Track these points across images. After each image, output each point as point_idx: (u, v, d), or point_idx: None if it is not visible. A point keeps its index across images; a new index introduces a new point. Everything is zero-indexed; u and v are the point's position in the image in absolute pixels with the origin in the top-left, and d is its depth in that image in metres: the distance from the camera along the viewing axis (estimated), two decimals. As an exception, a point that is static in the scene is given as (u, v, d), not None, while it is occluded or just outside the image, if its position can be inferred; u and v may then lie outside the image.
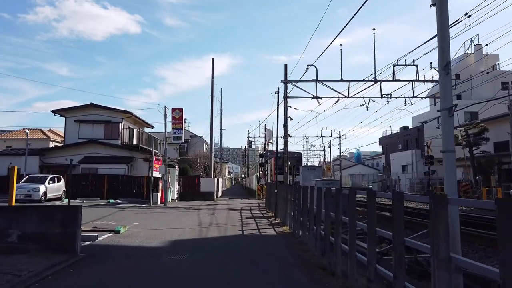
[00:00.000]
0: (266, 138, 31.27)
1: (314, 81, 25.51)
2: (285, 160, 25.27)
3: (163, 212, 17.50)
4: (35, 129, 44.45)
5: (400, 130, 55.61)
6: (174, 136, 21.88)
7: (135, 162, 27.56)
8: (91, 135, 28.05)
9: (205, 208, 20.24)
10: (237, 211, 18.35)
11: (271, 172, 29.19)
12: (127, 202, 22.91)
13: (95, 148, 27.51)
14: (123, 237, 9.67)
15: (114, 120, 28.50)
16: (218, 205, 22.58)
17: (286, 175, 25.07)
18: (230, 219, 14.77)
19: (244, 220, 14.28)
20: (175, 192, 24.78)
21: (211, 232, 11.04)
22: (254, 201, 26.01)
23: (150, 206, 20.86)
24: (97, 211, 17.39)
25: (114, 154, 27.55)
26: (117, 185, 25.88)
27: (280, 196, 14.01)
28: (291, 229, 11.21)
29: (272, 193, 18.27)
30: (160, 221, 13.82)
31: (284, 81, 25.98)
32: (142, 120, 31.64)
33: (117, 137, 28.34)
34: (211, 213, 17.36)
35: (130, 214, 16.38)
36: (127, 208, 19.55)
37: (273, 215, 15.84)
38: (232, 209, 19.38)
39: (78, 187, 25.58)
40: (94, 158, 27.07)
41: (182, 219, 14.50)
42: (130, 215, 15.71)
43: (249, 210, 19.33)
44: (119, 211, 17.82)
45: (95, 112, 28.49)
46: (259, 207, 20.95)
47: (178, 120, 21.81)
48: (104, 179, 25.81)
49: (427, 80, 28.05)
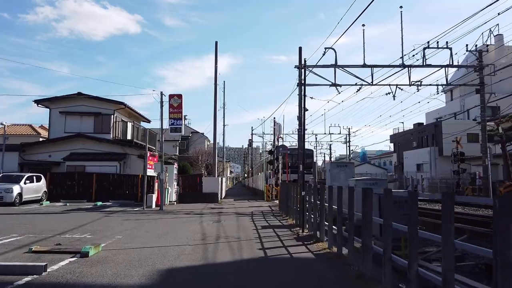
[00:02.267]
0: (276, 133, 28.03)
1: (333, 66, 22.28)
2: (300, 156, 22.05)
3: (157, 219, 14.26)
4: (24, 125, 41.26)
5: (414, 126, 52.31)
6: (171, 127, 18.58)
7: (128, 159, 24.34)
8: (79, 128, 24.83)
9: (208, 212, 17.01)
10: (247, 217, 15.12)
11: (283, 170, 25.93)
12: (117, 205, 19.67)
13: (83, 143, 24.30)
14: (90, 265, 6.43)
15: (105, 112, 25.27)
16: (224, 208, 19.34)
17: (301, 173, 21.86)
18: (243, 229, 11.53)
19: (261, 231, 11.04)
20: (173, 193, 21.56)
21: (221, 253, 7.80)
22: (264, 204, 22.76)
23: (143, 210, 17.63)
24: (77, 218, 14.16)
25: (105, 150, 24.34)
26: (108, 186, 22.67)
27: (306, 200, 10.79)
28: (333, 248, 8.00)
29: (290, 196, 15.04)
30: (151, 233, 10.58)
31: (299, 66, 22.63)
32: (137, 112, 28.41)
33: (108, 131, 25.11)
34: (216, 219, 14.12)
35: (115, 221, 13.14)
36: (115, 213, 16.32)
37: (295, 223, 12.61)
38: (241, 214, 16.14)
39: (63, 187, 22.42)
40: (82, 155, 23.86)
41: (180, 230, 11.26)
42: (115, 224, 12.48)
43: (261, 215, 16.10)
44: (103, 217, 14.59)
45: (83, 103, 25.27)
46: (272, 212, 17.72)
47: (177, 109, 18.55)
48: (92, 178, 22.60)
49: (462, 65, 24.85)
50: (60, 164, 23.64)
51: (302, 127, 22.66)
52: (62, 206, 19.14)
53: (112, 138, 25.12)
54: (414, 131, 51.27)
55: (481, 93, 22.83)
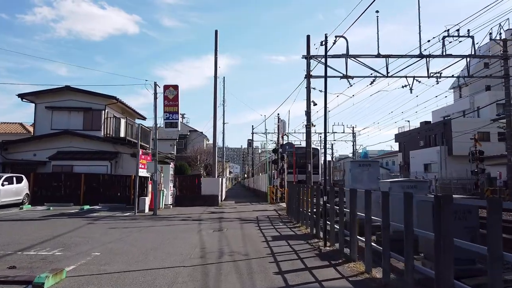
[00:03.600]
0: (280, 131, 26.08)
1: (344, 56, 20.36)
2: (308, 155, 20.11)
3: (149, 227, 12.29)
4: (14, 123, 39.21)
5: (421, 125, 50.41)
6: (166, 122, 16.56)
7: (120, 158, 22.36)
8: (67, 125, 22.83)
9: (208, 218, 15.05)
10: (253, 224, 13.16)
11: (288, 170, 23.98)
12: (106, 210, 17.69)
13: (71, 140, 22.31)
14: (39, 306, 4.47)
15: (95, 107, 23.27)
16: (225, 213, 17.38)
17: (310, 174, 19.92)
18: (250, 241, 9.57)
19: (273, 244, 9.08)
20: (169, 195, 19.59)
21: (227, 281, 5.84)
22: (269, 207, 20.80)
23: (135, 215, 15.65)
24: (55, 225, 12.18)
25: (95, 149, 22.34)
26: (97, 187, 20.69)
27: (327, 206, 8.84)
28: (373, 272, 6.07)
29: (300, 199, 13.06)
30: (139, 247, 8.61)
31: (306, 56, 20.76)
32: (131, 108, 26.41)
33: (99, 127, 23.12)
34: (217, 228, 12.16)
35: (99, 230, 11.17)
36: (102, 219, 14.34)
37: (310, 232, 10.67)
38: (245, 221, 14.18)
39: (48, 189, 20.42)
40: (70, 153, 21.86)
41: (174, 242, 9.30)
42: (98, 234, 10.51)
43: (268, 221, 14.14)
44: (86, 224, 12.61)
45: (71, 97, 23.27)
46: (279, 217, 15.76)
47: (173, 101, 16.55)
48: (80, 179, 20.61)
49: (486, 55, 22.94)
50: (46, 163, 21.65)
51: (309, 123, 20.82)
52: (44, 210, 17.15)
53: (103, 135, 23.14)
54: (421, 130, 49.39)
55: (505, 85, 20.95)
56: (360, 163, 11.43)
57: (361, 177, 11.16)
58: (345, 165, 12.46)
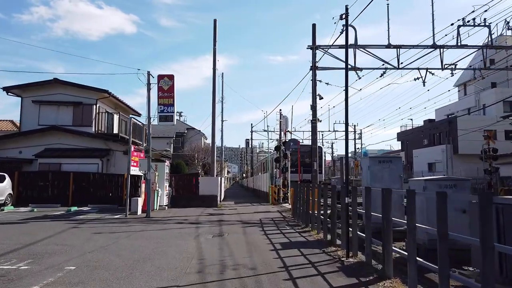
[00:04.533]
0: (282, 128, 24.69)
1: (352, 46, 18.94)
2: (314, 152, 18.74)
3: (140, 231, 10.89)
4: (4, 121, 37.67)
5: (425, 123, 49.13)
6: (161, 115, 15.08)
7: (112, 156, 20.93)
8: (56, 120, 21.37)
9: (206, 221, 13.66)
10: (257, 228, 11.77)
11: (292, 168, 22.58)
12: (95, 211, 16.28)
13: (60, 137, 20.85)
14: None
15: (86, 102, 21.81)
16: (225, 214, 15.99)
17: (316, 172, 18.56)
18: (256, 249, 8.18)
19: (283, 254, 7.70)
20: (165, 196, 18.18)
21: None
22: (271, 208, 19.41)
23: (126, 218, 14.24)
24: (34, 230, 10.77)
25: (85, 146, 20.90)
26: (87, 187, 19.26)
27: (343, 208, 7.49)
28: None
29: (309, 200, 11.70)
30: (124, 258, 7.22)
31: (311, 46, 19.35)
32: (125, 103, 24.96)
33: (89, 123, 21.67)
34: (217, 232, 10.77)
35: (82, 236, 9.76)
36: (89, 222, 12.93)
37: (323, 238, 9.31)
38: (248, 224, 12.80)
39: (34, 189, 19.00)
40: (58, 151, 20.41)
41: (168, 251, 7.91)
42: (80, 240, 9.11)
43: (273, 224, 12.76)
44: (70, 229, 11.19)
45: (60, 91, 21.80)
46: (285, 219, 14.39)
47: (168, 92, 15.11)
48: (69, 178, 19.17)
49: (503, 46, 21.60)
50: (32, 161, 20.19)
51: (315, 118, 19.43)
52: (27, 212, 15.72)
53: (94, 131, 21.69)
54: (425, 128, 48.08)
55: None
56: (380, 160, 10.05)
57: (381, 175, 9.79)
58: (363, 162, 11.05)
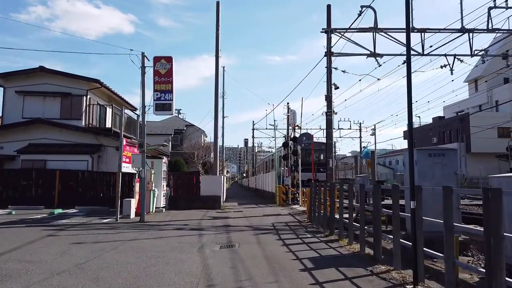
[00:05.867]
0: (290, 122, 22.72)
1: (371, 29, 17.03)
2: (329, 147, 16.78)
3: (130, 241, 8.88)
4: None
5: (434, 120, 47.19)
6: (157, 103, 12.98)
7: (104, 152, 18.92)
8: (42, 112, 19.33)
9: (210, 226, 11.66)
10: (273, 236, 9.78)
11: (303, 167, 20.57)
12: (82, 214, 14.26)
13: (46, 131, 18.83)
14: None
15: (75, 92, 19.77)
16: (230, 218, 14.01)
17: (332, 170, 16.59)
18: (280, 268, 6.18)
19: (319, 275, 5.72)
20: (162, 196, 16.18)
21: None
22: (281, 211, 17.42)
23: (116, 222, 12.23)
24: (2, 239, 8.75)
25: (74, 141, 18.87)
26: (75, 186, 17.27)
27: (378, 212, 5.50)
28: None
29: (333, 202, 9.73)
30: (103, 283, 5.22)
31: (326, 29, 17.37)
32: (119, 95, 22.92)
33: (79, 116, 19.65)
34: (225, 242, 8.78)
35: (56, 249, 7.76)
36: (72, 228, 10.92)
37: (360, 250, 7.35)
38: (260, 230, 10.80)
39: (16, 188, 17.04)
40: (43, 146, 18.39)
41: (164, 272, 5.91)
42: (51, 255, 7.11)
43: (290, 231, 10.79)
44: (44, 237, 9.17)
45: (47, 81, 19.76)
46: (301, 224, 12.40)
47: (165, 77, 13.06)
48: (55, 176, 17.17)
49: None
50: (14, 158, 18.17)
51: (330, 110, 17.42)
52: (4, 215, 13.69)
53: (85, 125, 19.67)
54: (434, 126, 46.16)
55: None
56: (431, 153, 8.07)
57: (431, 172, 7.83)
58: (406, 156, 9.06)
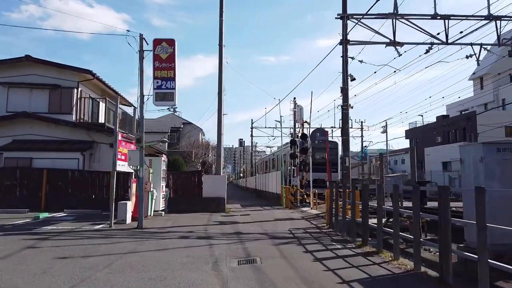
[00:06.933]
0: (297, 118, 21.22)
1: (391, 16, 15.57)
2: (345, 144, 15.29)
3: (128, 254, 7.29)
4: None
5: (438, 119, 45.99)
6: (157, 92, 11.27)
7: (97, 149, 17.27)
8: (28, 106, 17.63)
9: (219, 233, 10.11)
10: (297, 247, 8.25)
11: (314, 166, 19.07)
12: (71, 219, 12.62)
13: (32, 126, 17.15)
14: None
15: (65, 84, 18.09)
16: (239, 223, 12.45)
17: (348, 170, 15.10)
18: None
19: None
20: (161, 198, 14.60)
21: None
22: (292, 214, 15.90)
23: (110, 228, 10.63)
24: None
25: (64, 137, 17.20)
26: (64, 187, 15.62)
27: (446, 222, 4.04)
28: None
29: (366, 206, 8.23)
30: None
31: (341, 15, 15.85)
32: (113, 89, 21.24)
33: (69, 110, 17.96)
34: (242, 254, 7.23)
35: (34, 266, 6.15)
36: (57, 237, 9.31)
37: (414, 268, 5.87)
38: (278, 239, 9.27)
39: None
40: (29, 143, 16.71)
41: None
42: (27, 276, 5.51)
43: (315, 240, 9.27)
44: (22, 250, 7.56)
45: (34, 71, 18.05)
46: (321, 230, 10.90)
47: (167, 63, 11.43)
48: (42, 176, 15.51)
49: None
50: (-4, 155, 16.47)
51: (346, 103, 15.90)
52: (-19, 220, 12.02)
53: (75, 120, 18.00)
54: (438, 125, 44.95)
55: None
56: (500, 147, 6.61)
57: (501, 170, 6.38)
58: (466, 151, 7.52)
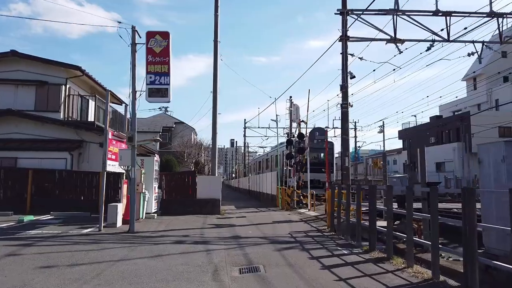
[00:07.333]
0: (293, 118, 20.71)
1: (392, 12, 15.15)
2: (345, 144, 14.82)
3: (118, 262, 6.66)
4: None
5: (431, 120, 45.94)
6: (151, 88, 10.60)
7: (86, 149, 16.54)
8: (13, 103, 16.83)
9: (216, 237, 9.52)
10: (300, 252, 7.71)
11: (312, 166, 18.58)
12: (58, 223, 11.92)
13: (18, 124, 16.36)
14: None
15: (52, 81, 17.34)
16: (236, 226, 11.88)
17: (347, 171, 14.62)
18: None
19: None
20: (153, 200, 13.95)
21: None
22: (289, 216, 15.37)
23: (99, 233, 9.98)
24: None
25: (51, 136, 16.45)
26: (51, 188, 14.90)
27: None
28: None
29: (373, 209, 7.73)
30: None
31: (341, 10, 15.36)
32: (103, 86, 20.49)
33: (57, 108, 17.21)
34: (244, 263, 6.65)
35: (12, 279, 5.50)
36: (41, 242, 8.63)
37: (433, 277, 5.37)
38: (279, 243, 8.72)
39: (-20, 191, 14.46)
40: (14, 142, 15.93)
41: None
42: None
43: (318, 245, 8.74)
44: (3, 258, 6.88)
45: (20, 67, 17.26)
46: (322, 233, 10.39)
47: (160, 57, 10.78)
48: (27, 177, 14.76)
49: None
50: (-20, 155, 15.65)
51: (346, 101, 15.45)
52: (-40, 224, 11.27)
53: (63, 118, 17.25)
54: (432, 126, 44.88)
55: None
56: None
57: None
58: (486, 150, 6.99)
